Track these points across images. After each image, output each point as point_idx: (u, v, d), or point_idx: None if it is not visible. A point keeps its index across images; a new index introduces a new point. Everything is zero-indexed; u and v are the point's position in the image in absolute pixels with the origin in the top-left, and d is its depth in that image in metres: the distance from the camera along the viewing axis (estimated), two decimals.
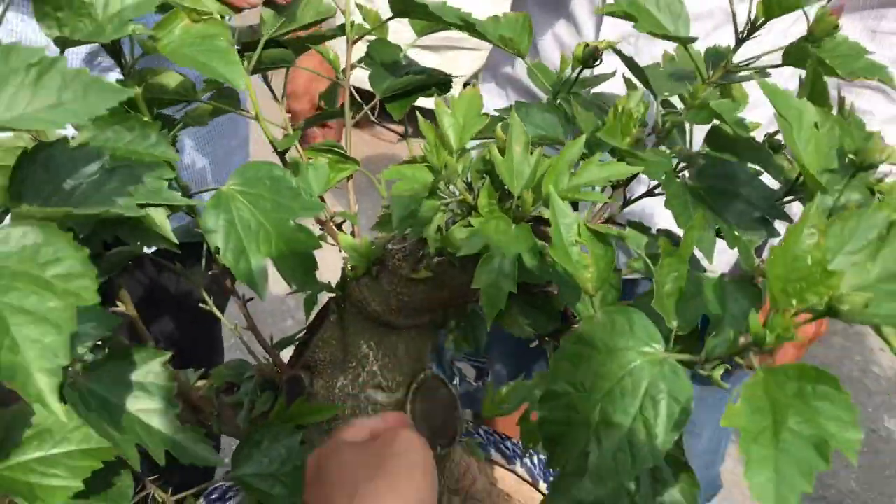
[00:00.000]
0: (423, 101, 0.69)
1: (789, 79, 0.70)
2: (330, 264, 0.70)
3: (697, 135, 0.62)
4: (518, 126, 0.53)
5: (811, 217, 0.38)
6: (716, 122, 0.59)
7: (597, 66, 0.67)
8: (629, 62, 0.63)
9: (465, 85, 2.89)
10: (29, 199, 0.43)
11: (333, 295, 0.67)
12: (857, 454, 1.28)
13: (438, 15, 0.57)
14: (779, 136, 0.60)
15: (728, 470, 1.70)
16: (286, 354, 0.72)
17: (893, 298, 0.40)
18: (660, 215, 0.62)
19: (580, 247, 0.48)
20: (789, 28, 0.91)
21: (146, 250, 0.63)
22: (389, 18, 0.65)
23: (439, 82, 0.70)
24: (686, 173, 0.60)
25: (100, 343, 0.52)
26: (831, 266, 0.39)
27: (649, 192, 0.62)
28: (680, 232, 0.54)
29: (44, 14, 0.47)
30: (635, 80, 0.63)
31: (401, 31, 0.72)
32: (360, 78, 0.69)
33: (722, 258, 0.61)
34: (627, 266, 0.54)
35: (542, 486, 0.90)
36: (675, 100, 0.64)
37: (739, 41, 0.57)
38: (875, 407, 2.38)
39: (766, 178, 0.59)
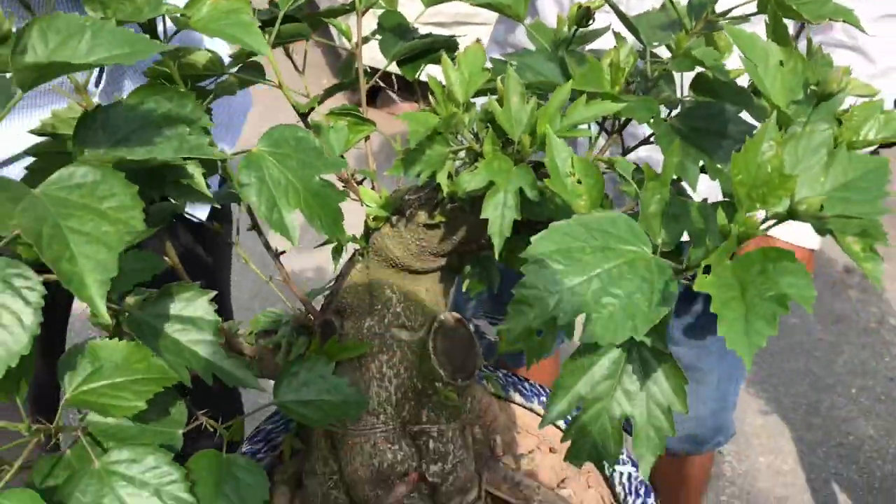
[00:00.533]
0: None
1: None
2: (350, 221, 0.77)
3: (685, 84, 0.68)
4: (514, 78, 0.59)
5: (768, 131, 0.44)
6: (700, 69, 0.65)
7: (590, 24, 0.73)
8: (620, 14, 0.69)
9: None
10: (90, 148, 0.50)
11: (358, 246, 0.74)
12: (875, 401, 1.37)
13: None
14: None
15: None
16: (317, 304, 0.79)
17: (844, 203, 0.46)
18: (659, 163, 0.68)
19: (574, 179, 0.54)
20: None
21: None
22: None
23: (447, 45, 0.76)
24: (674, 117, 0.66)
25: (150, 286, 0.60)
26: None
27: (646, 140, 0.68)
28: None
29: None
30: (625, 34, 0.69)
31: (408, 5, 0.78)
32: (378, 59, 0.75)
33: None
34: (618, 189, 0.60)
35: (560, 422, 0.97)
36: (664, 52, 0.70)
37: None
38: (892, 357, 2.42)
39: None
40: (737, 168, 0.44)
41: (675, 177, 0.59)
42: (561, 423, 0.97)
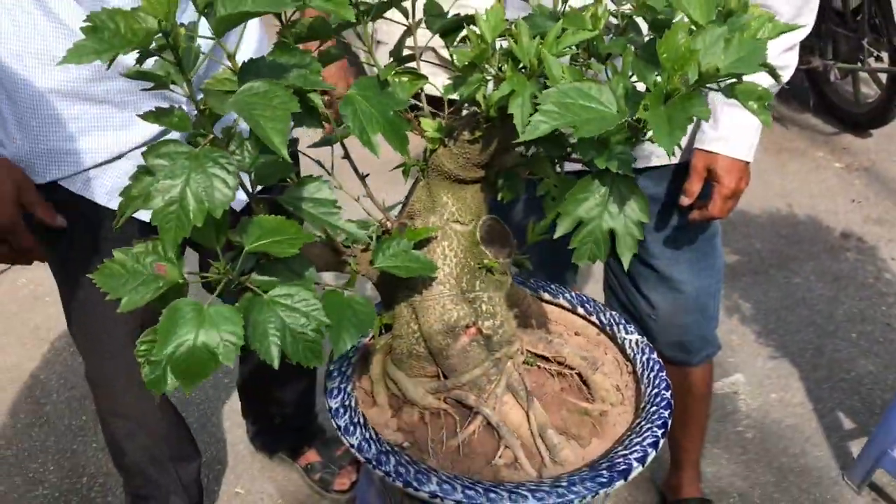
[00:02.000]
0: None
1: None
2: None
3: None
4: (524, 25, 0.87)
5: (680, 26, 0.72)
6: (656, 15, 0.93)
7: None
8: None
9: None
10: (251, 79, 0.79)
11: (422, 167, 1.02)
12: (873, 343, 1.77)
13: None
14: None
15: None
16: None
17: (737, 69, 0.73)
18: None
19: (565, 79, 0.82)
20: None
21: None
22: None
23: (471, 20, 1.05)
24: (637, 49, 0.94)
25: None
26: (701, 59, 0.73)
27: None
28: None
29: None
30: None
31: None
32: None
33: None
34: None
35: (580, 310, 1.24)
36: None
37: None
38: (888, 305, 2.66)
39: None
40: (662, 49, 0.72)
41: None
42: (581, 310, 1.24)
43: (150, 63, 0.79)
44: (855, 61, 3.60)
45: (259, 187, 0.90)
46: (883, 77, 3.55)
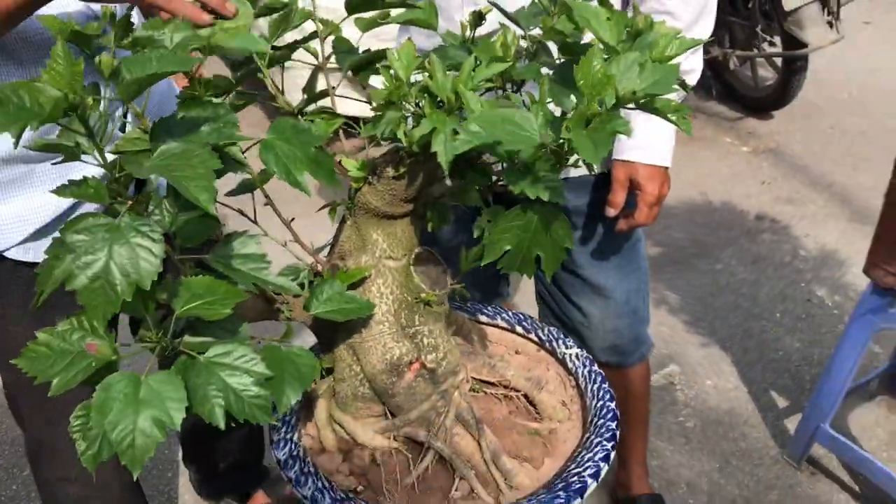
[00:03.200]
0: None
1: None
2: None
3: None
4: (436, 61, 0.87)
5: (594, 52, 0.74)
6: (564, 39, 0.95)
7: (483, 23, 1.02)
8: (503, 12, 0.98)
9: None
10: (163, 142, 0.77)
11: (348, 207, 1.01)
12: (796, 320, 1.80)
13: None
14: None
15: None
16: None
17: (655, 90, 0.75)
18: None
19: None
20: None
21: None
22: (344, 18, 0.99)
23: (382, 55, 1.05)
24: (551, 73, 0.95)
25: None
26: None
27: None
28: None
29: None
30: (508, 23, 0.99)
31: (349, 31, 1.07)
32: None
33: None
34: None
35: (518, 329, 1.25)
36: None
37: None
38: (806, 282, 2.76)
39: None
40: (579, 75, 0.73)
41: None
42: (519, 329, 1.25)
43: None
44: (751, 48, 3.74)
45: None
46: (779, 61, 3.69)
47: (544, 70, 0.94)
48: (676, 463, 2.09)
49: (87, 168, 0.80)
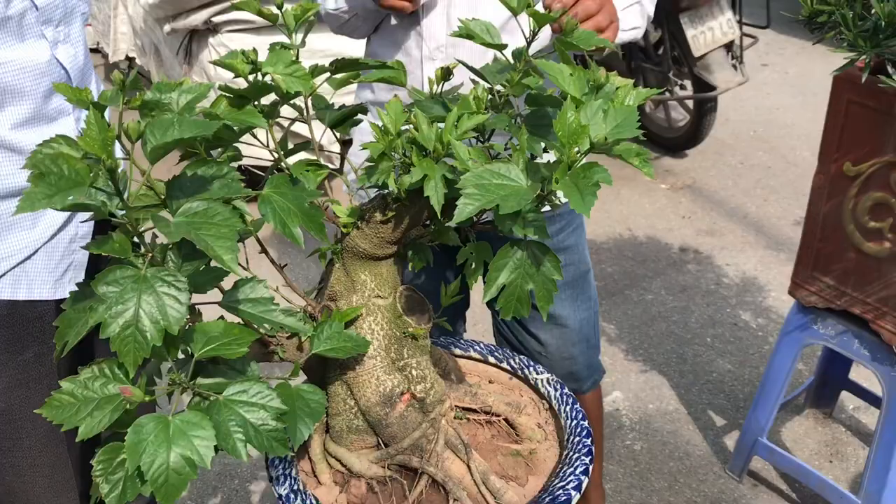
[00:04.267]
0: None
1: None
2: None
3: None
4: (421, 114, 0.97)
5: (568, 106, 0.84)
6: (530, 91, 1.05)
7: (451, 78, 1.12)
8: (470, 69, 1.08)
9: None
10: (177, 200, 0.83)
11: (336, 251, 1.08)
12: (726, 343, 1.98)
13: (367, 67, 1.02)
14: None
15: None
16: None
17: (620, 135, 0.86)
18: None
19: (472, 160, 0.92)
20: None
21: None
22: (327, 78, 1.08)
23: (360, 109, 1.13)
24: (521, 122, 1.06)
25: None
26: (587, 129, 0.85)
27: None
28: None
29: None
30: (477, 78, 1.09)
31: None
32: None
33: None
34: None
35: (491, 359, 1.33)
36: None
37: (529, 42, 1.04)
38: (731, 307, 2.94)
39: None
40: (557, 128, 0.83)
41: (529, 153, 0.98)
42: (492, 359, 1.33)
43: None
44: (663, 91, 3.98)
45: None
46: (690, 103, 3.94)
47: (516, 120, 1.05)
48: (628, 485, 2.20)
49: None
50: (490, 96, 1.10)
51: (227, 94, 0.97)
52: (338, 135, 1.18)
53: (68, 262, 1.34)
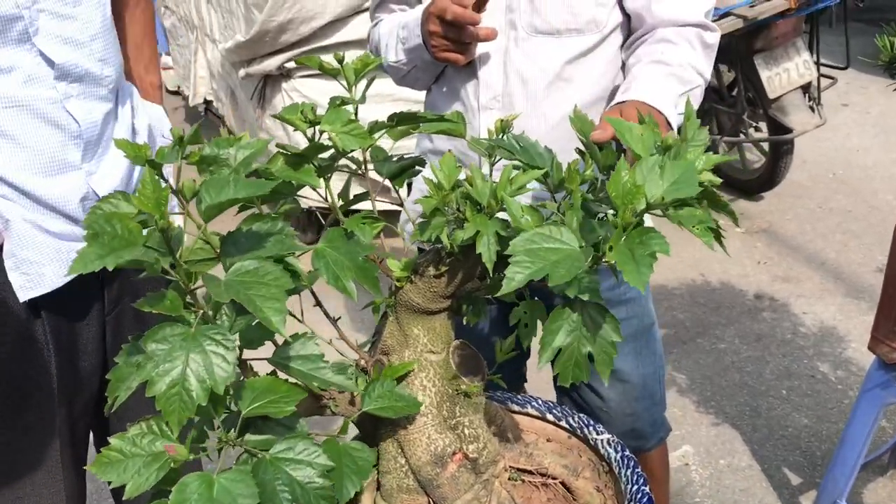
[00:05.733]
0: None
1: None
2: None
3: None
4: (476, 169, 0.95)
5: (622, 165, 0.81)
6: None
7: (511, 130, 1.11)
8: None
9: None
10: (231, 257, 0.83)
11: (390, 305, 1.07)
12: (803, 397, 1.89)
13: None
14: None
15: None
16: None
17: (678, 193, 0.82)
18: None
19: (525, 218, 0.90)
20: None
21: None
22: (384, 131, 1.07)
23: (417, 162, 1.13)
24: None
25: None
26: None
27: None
28: None
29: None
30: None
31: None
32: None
33: None
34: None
35: (549, 416, 1.29)
36: None
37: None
38: (809, 358, 2.82)
39: None
40: (611, 188, 0.81)
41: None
42: (550, 417, 1.29)
43: None
44: (738, 134, 3.89)
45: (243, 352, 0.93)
46: (765, 145, 3.84)
47: None
48: None
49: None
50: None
51: (284, 152, 0.97)
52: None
53: None
